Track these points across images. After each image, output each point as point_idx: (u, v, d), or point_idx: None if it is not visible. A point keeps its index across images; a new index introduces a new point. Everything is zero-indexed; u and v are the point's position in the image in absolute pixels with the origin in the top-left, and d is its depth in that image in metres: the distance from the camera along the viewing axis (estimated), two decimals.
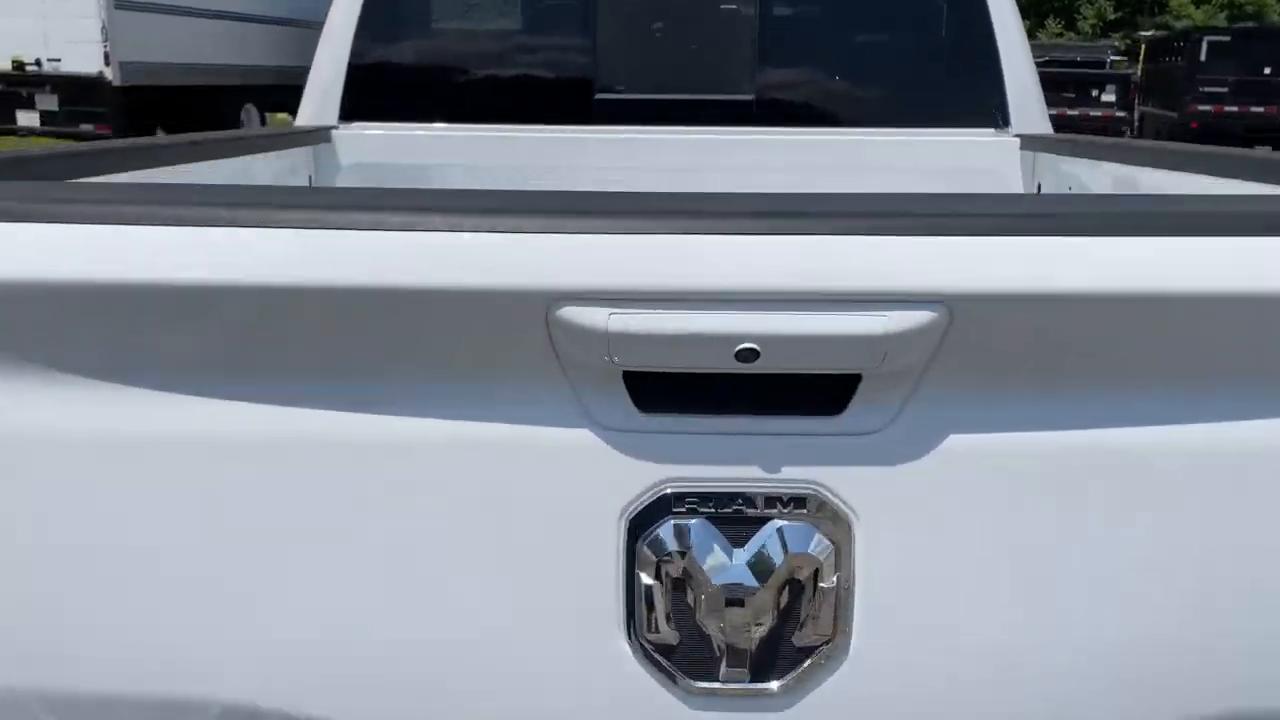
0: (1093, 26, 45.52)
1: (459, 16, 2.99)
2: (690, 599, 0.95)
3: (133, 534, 0.94)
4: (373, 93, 2.87)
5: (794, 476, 0.94)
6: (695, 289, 0.87)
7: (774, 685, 0.97)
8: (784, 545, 0.94)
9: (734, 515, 0.94)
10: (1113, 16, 46.21)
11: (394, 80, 2.94)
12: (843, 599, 0.95)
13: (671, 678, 0.96)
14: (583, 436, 0.93)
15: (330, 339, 0.92)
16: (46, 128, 14.53)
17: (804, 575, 0.95)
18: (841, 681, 0.97)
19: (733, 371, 0.90)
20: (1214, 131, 15.71)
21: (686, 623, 0.96)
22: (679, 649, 0.96)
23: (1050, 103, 10.89)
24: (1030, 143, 2.79)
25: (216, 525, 0.95)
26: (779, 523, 0.94)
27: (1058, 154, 2.63)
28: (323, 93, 2.86)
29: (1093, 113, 17.20)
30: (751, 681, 0.97)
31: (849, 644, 0.96)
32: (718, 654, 0.96)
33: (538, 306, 0.87)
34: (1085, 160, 2.47)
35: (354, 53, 2.84)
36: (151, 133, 15.26)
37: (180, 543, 0.95)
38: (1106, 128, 17.10)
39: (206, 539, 0.95)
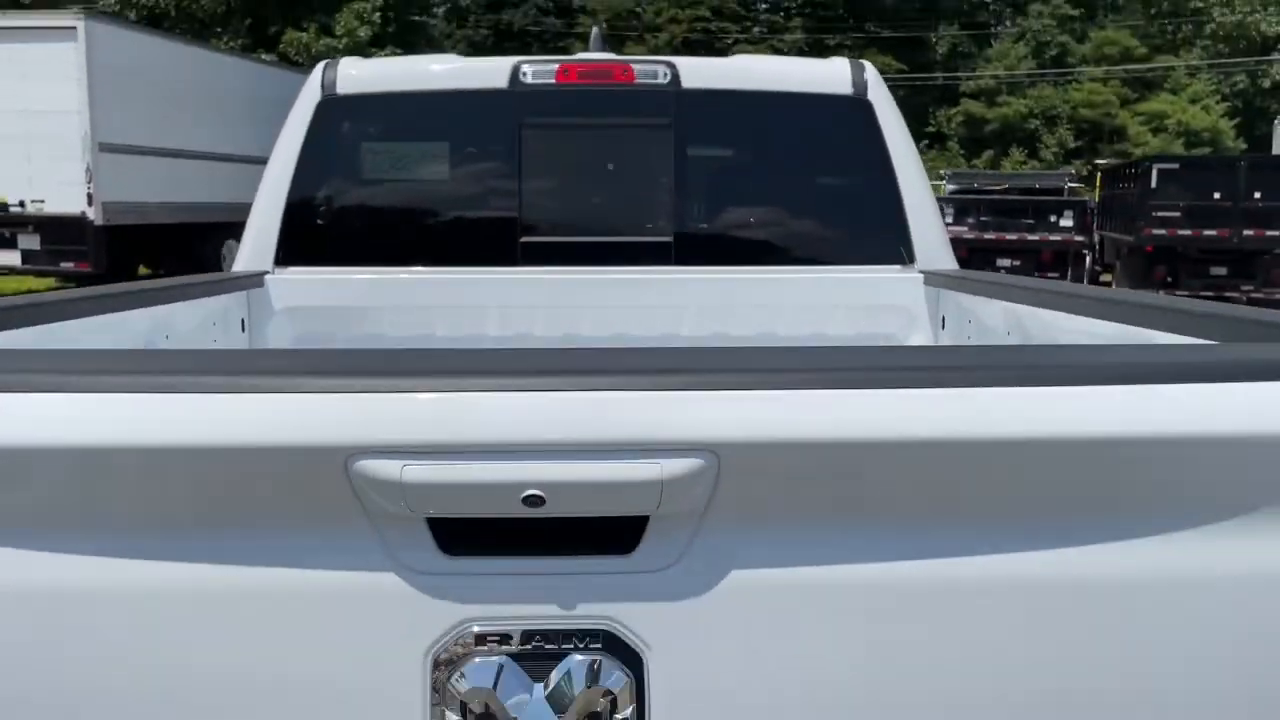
0: (1055, 155, 47.00)
1: (391, 168, 3.15)
2: None
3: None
4: (307, 238, 3.00)
5: (589, 613, 1.01)
6: (480, 441, 0.96)
7: None
8: (581, 679, 1.01)
9: (533, 651, 1.01)
10: (1073, 145, 47.77)
11: (328, 227, 3.08)
12: None
13: None
14: (388, 580, 1.00)
15: (150, 494, 1.00)
16: (27, 266, 14.82)
17: (601, 708, 1.01)
18: None
19: (524, 516, 0.97)
20: (1169, 254, 16.16)
21: None
22: None
23: (1010, 229, 11.31)
24: (933, 278, 2.93)
25: (52, 665, 1.01)
26: (576, 657, 1.01)
27: (958, 290, 2.77)
28: (258, 239, 2.98)
29: (1052, 237, 17.70)
30: None
31: None
32: None
33: (336, 461, 0.95)
34: (981, 297, 2.60)
35: (289, 201, 2.98)
36: (133, 270, 15.56)
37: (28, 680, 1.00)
38: (1066, 251, 17.56)
39: (47, 677, 1.01)
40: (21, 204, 14.54)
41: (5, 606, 0.99)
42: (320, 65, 3.11)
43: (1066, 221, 17.86)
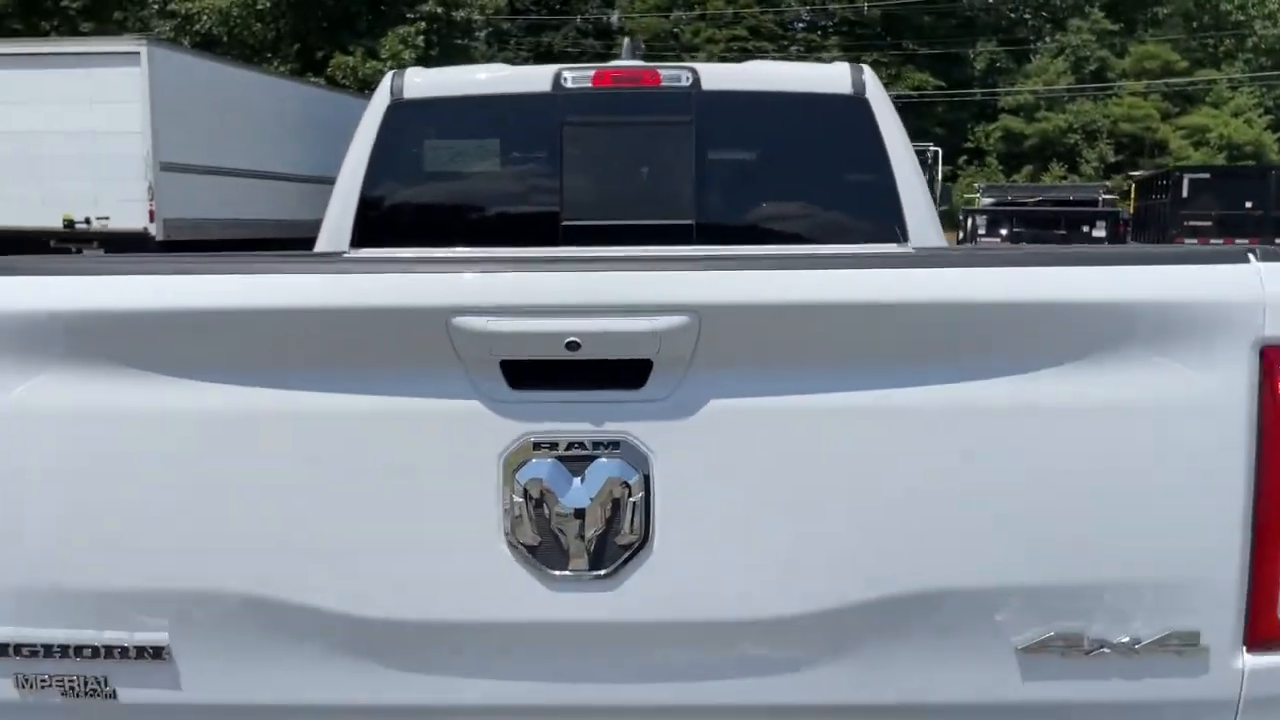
0: (1095, 170, 46.96)
1: (450, 161, 3.62)
2: (546, 513, 1.44)
3: (182, 471, 1.46)
4: (379, 223, 3.47)
5: (611, 429, 1.44)
6: (536, 304, 1.40)
7: (603, 571, 1.45)
8: (606, 474, 1.44)
9: (573, 456, 1.44)
10: (1114, 159, 47.70)
11: (396, 213, 3.55)
12: (650, 512, 1.44)
13: (535, 568, 1.45)
14: (474, 405, 1.44)
15: (316, 342, 1.45)
16: None
17: (619, 494, 1.44)
18: (647, 569, 1.45)
19: (566, 359, 1.41)
20: None
21: (545, 530, 1.44)
22: (540, 548, 1.45)
23: (1043, 239, 11.69)
24: (924, 253, 3.34)
25: (221, 467, 1.46)
26: (602, 459, 1.44)
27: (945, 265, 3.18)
28: (336, 224, 3.46)
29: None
30: (589, 569, 1.45)
31: (652, 543, 1.44)
32: (566, 551, 1.45)
33: (441, 318, 1.40)
34: (965, 268, 3.01)
35: (363, 191, 3.46)
36: None
37: (206, 479, 1.46)
38: None
39: (224, 478, 1.46)
40: (88, 221, 15.27)
41: (223, 424, 1.45)
42: (390, 74, 3.59)
43: (1099, 232, 18.15)
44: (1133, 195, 22.91)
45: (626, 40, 4.23)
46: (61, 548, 1.48)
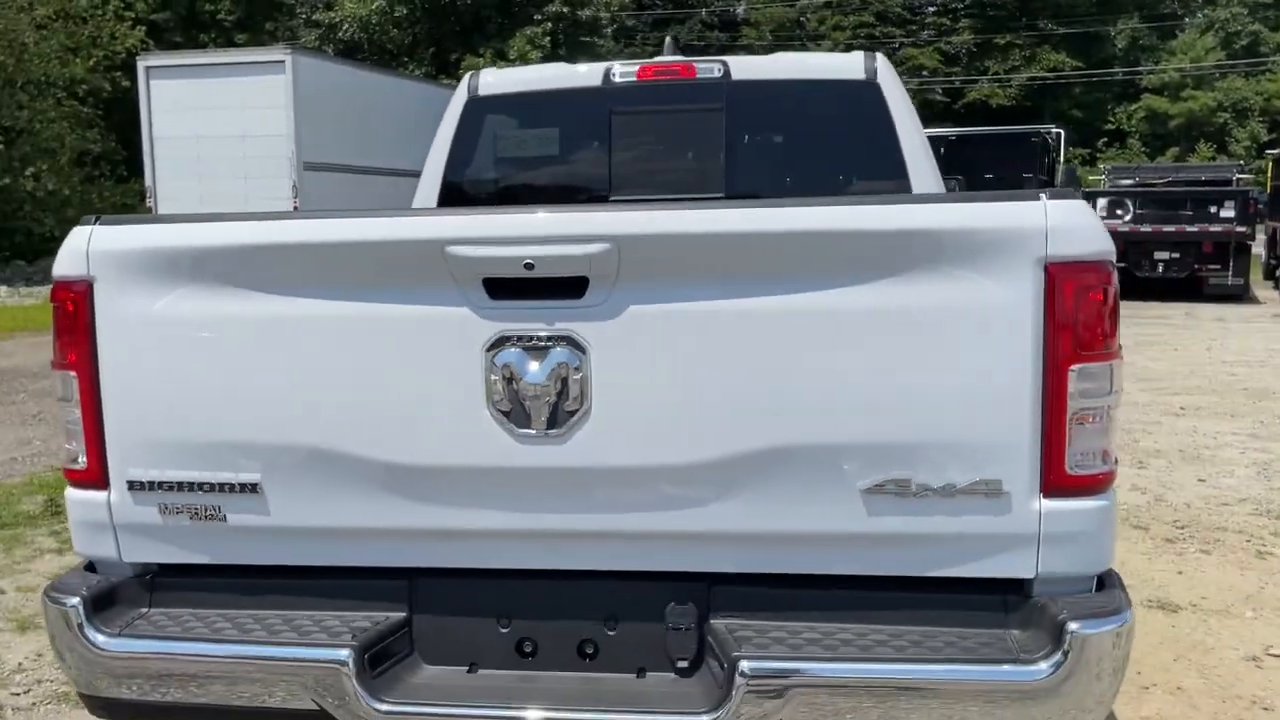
0: (1246, 150, 44.82)
1: (517, 146, 4.24)
2: (515, 388, 2.02)
3: (269, 359, 2.09)
4: (457, 199, 4.10)
5: (561, 328, 2.01)
6: (505, 236, 1.99)
7: (556, 430, 2.02)
8: (557, 359, 2.02)
9: (533, 346, 2.02)
10: (1267, 139, 45.43)
11: (474, 190, 4.18)
12: (587, 386, 2.01)
13: (508, 428, 2.03)
14: (464, 311, 2.03)
15: (350, 265, 2.06)
16: None
17: (567, 375, 2.01)
18: (588, 429, 2.02)
19: (527, 276, 1.99)
20: None
21: (515, 399, 2.03)
22: (511, 412, 2.03)
23: (1169, 221, 11.55)
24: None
25: (295, 356, 2.08)
26: (554, 349, 2.02)
27: None
28: (424, 199, 4.11)
29: (1211, 228, 17.54)
30: (546, 429, 2.03)
31: (590, 409, 2.01)
32: (529, 415, 2.03)
33: (439, 246, 1.99)
34: None
35: (446, 173, 4.10)
36: None
37: (285, 364, 2.09)
38: (1227, 242, 17.35)
39: (296, 363, 2.09)
40: None
41: (292, 325, 2.08)
42: (468, 74, 4.23)
43: (1227, 212, 17.62)
44: (1269, 173, 22.06)
45: (668, 39, 4.76)
46: (189, 414, 2.14)
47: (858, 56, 4.00)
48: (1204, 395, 8.89)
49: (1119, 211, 18.36)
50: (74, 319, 2.16)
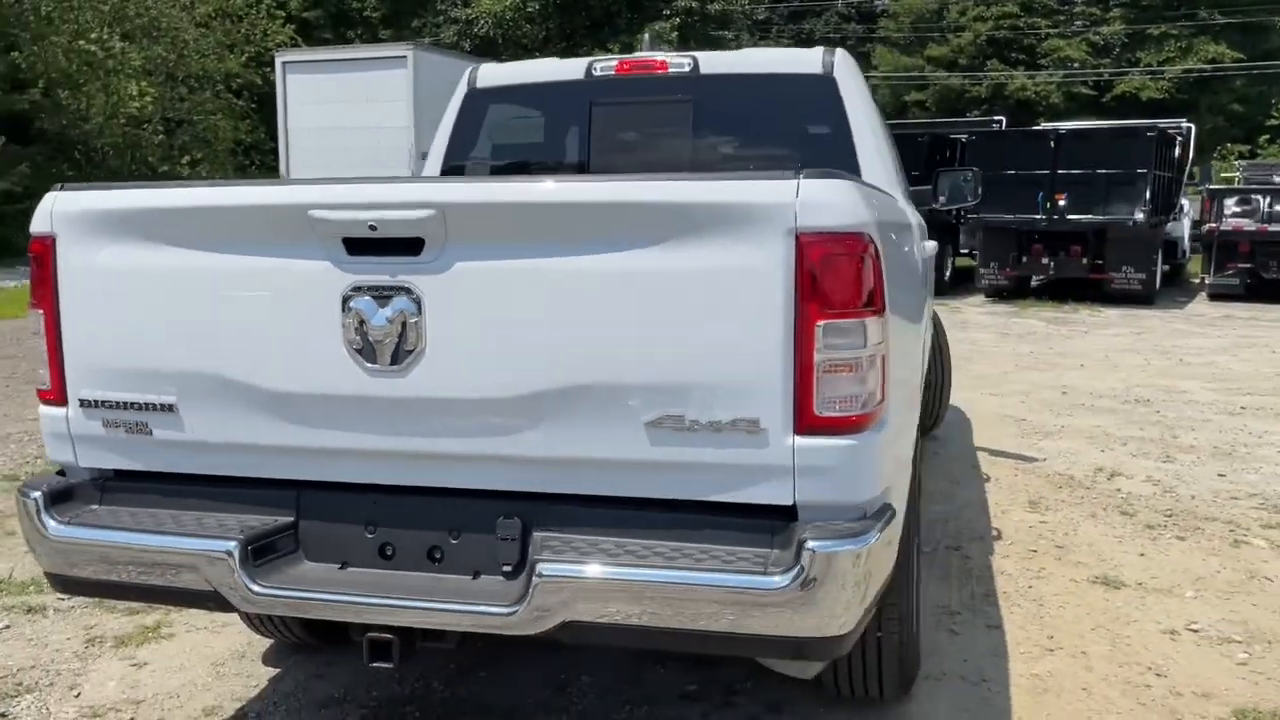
0: None
1: (509, 133, 4.68)
2: (365, 329, 2.45)
3: (179, 301, 2.58)
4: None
5: (401, 279, 2.43)
6: (356, 202, 2.42)
7: (400, 366, 2.45)
8: (398, 307, 2.44)
9: (379, 295, 2.44)
10: None
11: (471, 171, 4.64)
12: (422, 330, 2.43)
13: (360, 363, 2.46)
14: (326, 265, 2.47)
15: (224, 225, 2.53)
16: None
17: (406, 320, 2.43)
18: (423, 365, 2.43)
19: (371, 236, 2.42)
20: None
21: (365, 339, 2.46)
22: (363, 350, 2.46)
23: (1240, 215, 11.08)
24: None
25: (199, 299, 2.56)
26: (396, 298, 2.44)
27: None
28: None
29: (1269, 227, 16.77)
30: (390, 364, 2.45)
31: (425, 348, 2.43)
32: (376, 352, 2.46)
33: (303, 210, 2.44)
34: None
35: (447, 156, 4.58)
36: None
37: (191, 306, 2.57)
38: None
39: (199, 305, 2.57)
40: None
41: (198, 273, 2.56)
42: (469, 69, 4.70)
43: None
44: None
45: (647, 35, 5.10)
46: (123, 345, 2.65)
47: (818, 52, 4.28)
48: (1275, 397, 8.69)
49: (1247, 210, 17.61)
50: (42, 268, 2.69)
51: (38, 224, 2.70)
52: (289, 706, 3.43)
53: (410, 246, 2.43)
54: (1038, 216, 16.04)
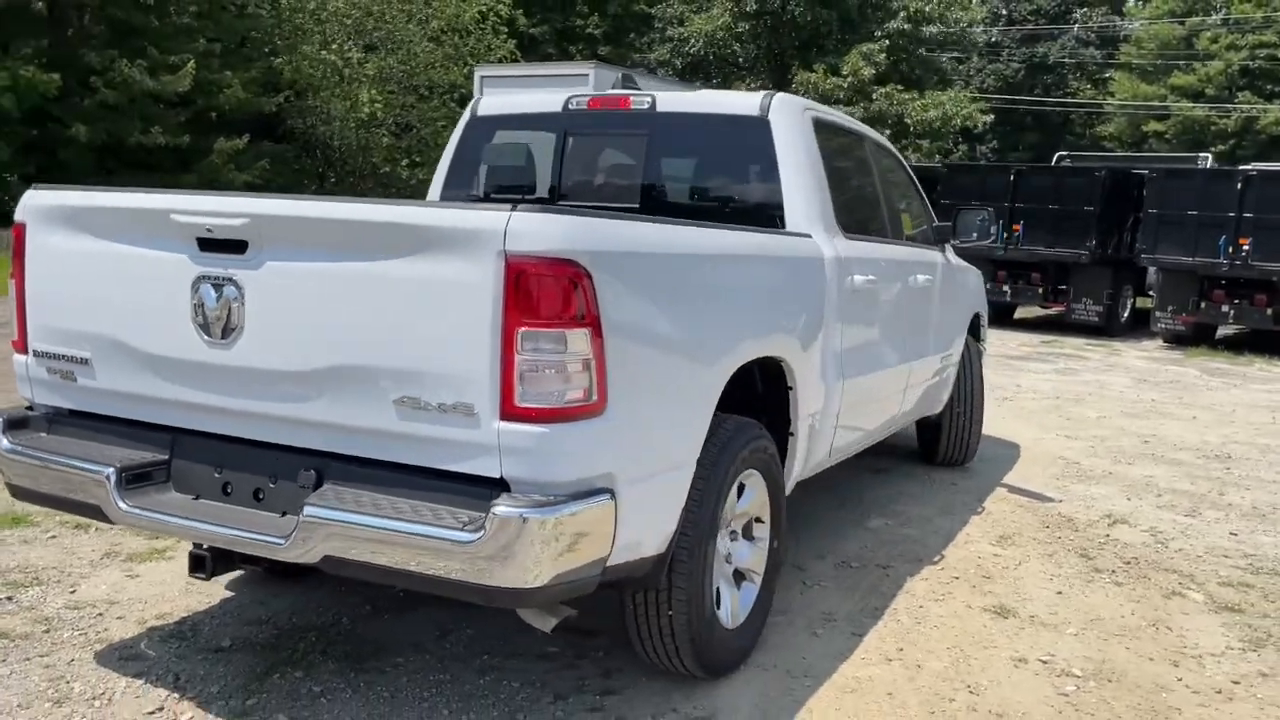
0: None
1: (500, 157, 5.29)
2: (205, 311, 3.14)
3: (91, 278, 3.35)
4: (452, 196, 5.24)
5: (231, 272, 3.10)
6: (196, 210, 3.11)
7: (227, 340, 3.12)
8: (228, 294, 3.11)
9: (215, 284, 3.12)
10: None
11: (464, 191, 5.30)
12: (243, 312, 3.08)
13: (201, 336, 3.15)
14: (184, 257, 3.17)
15: (134, 226, 3.27)
16: None
17: (233, 303, 3.10)
18: (243, 341, 3.10)
19: (210, 238, 3.10)
20: None
21: (204, 318, 3.14)
22: (205, 326, 3.15)
23: None
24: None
25: (104, 277, 3.32)
26: (226, 287, 3.11)
27: None
28: (431, 192, 5.28)
29: None
30: (220, 339, 3.13)
31: (244, 326, 3.09)
32: (215, 328, 3.13)
33: (166, 214, 3.15)
34: None
35: (447, 177, 5.27)
36: None
37: (98, 282, 3.34)
38: None
39: (104, 282, 3.33)
40: None
41: (107, 257, 3.32)
42: (473, 100, 5.37)
43: None
44: None
45: (620, 75, 5.58)
46: (57, 310, 3.45)
47: (757, 96, 4.68)
48: None
49: None
50: (17, 247, 3.54)
51: (17, 214, 3.54)
52: (222, 620, 4.18)
53: (237, 247, 3.09)
54: (1219, 261, 15.21)
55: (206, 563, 3.26)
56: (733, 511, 3.83)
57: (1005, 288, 17.34)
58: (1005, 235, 16.76)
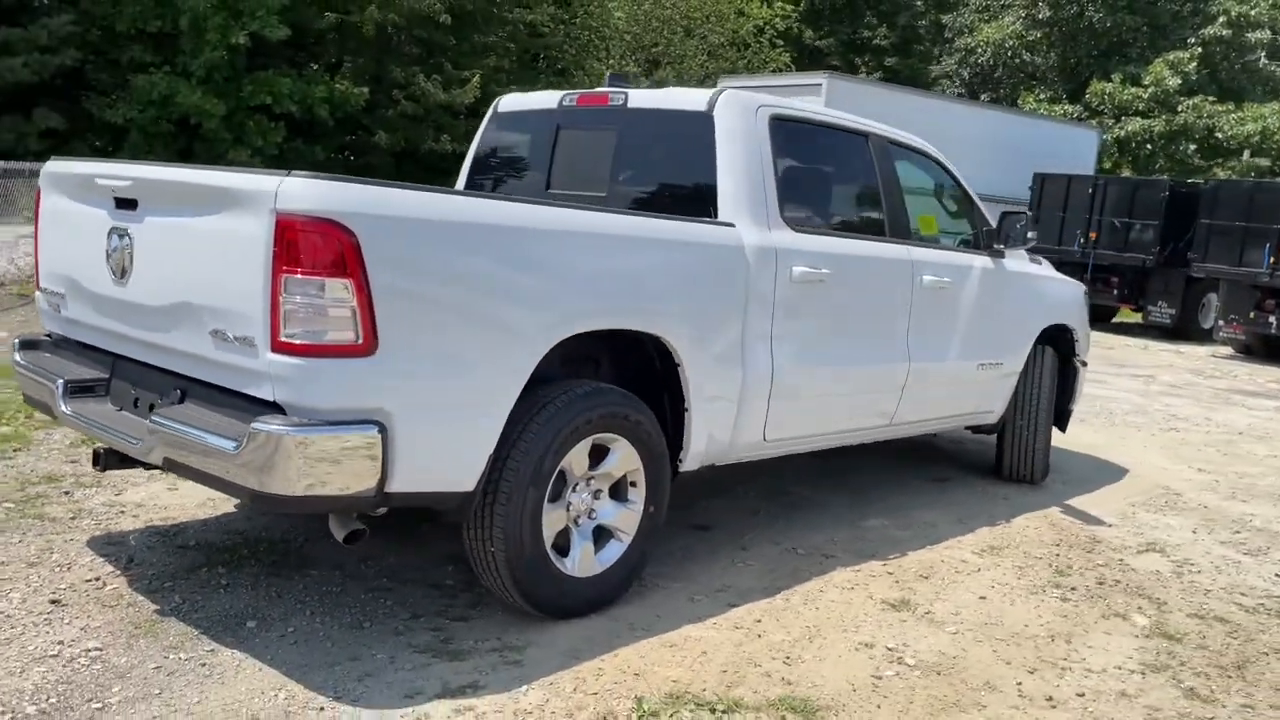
0: None
1: (509, 149, 5.83)
2: (112, 255, 3.92)
3: (61, 230, 4.25)
4: (474, 185, 5.86)
5: (127, 225, 3.86)
6: (109, 174, 3.90)
7: (124, 280, 3.89)
8: (123, 242, 3.87)
9: (119, 233, 3.90)
10: None
11: (479, 180, 5.89)
12: (134, 257, 3.84)
13: (110, 276, 3.94)
14: (103, 213, 3.97)
15: (84, 190, 4.12)
16: None
17: (126, 250, 3.86)
18: (133, 280, 3.85)
19: (120, 196, 3.88)
20: None
21: (112, 260, 3.92)
22: (112, 269, 3.93)
23: None
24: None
25: (67, 231, 4.20)
26: (124, 236, 3.87)
27: None
28: (459, 184, 5.94)
29: None
30: (120, 278, 3.90)
31: (133, 269, 3.84)
32: (117, 270, 3.91)
33: (93, 179, 3.97)
34: None
35: (471, 169, 5.90)
36: None
37: (64, 234, 4.23)
38: None
39: (68, 234, 4.21)
40: None
41: (66, 214, 4.21)
42: (496, 99, 5.95)
43: None
44: None
45: (609, 74, 5.88)
46: (51, 255, 4.38)
47: (706, 93, 4.94)
48: None
49: None
50: (36, 208, 4.52)
51: (39, 181, 4.52)
52: (205, 528, 5.02)
53: (132, 205, 3.85)
54: (1260, 270, 15.44)
55: (100, 457, 4.06)
56: (584, 470, 4.16)
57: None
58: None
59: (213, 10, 22.69)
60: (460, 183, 5.98)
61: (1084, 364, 7.47)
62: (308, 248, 3.30)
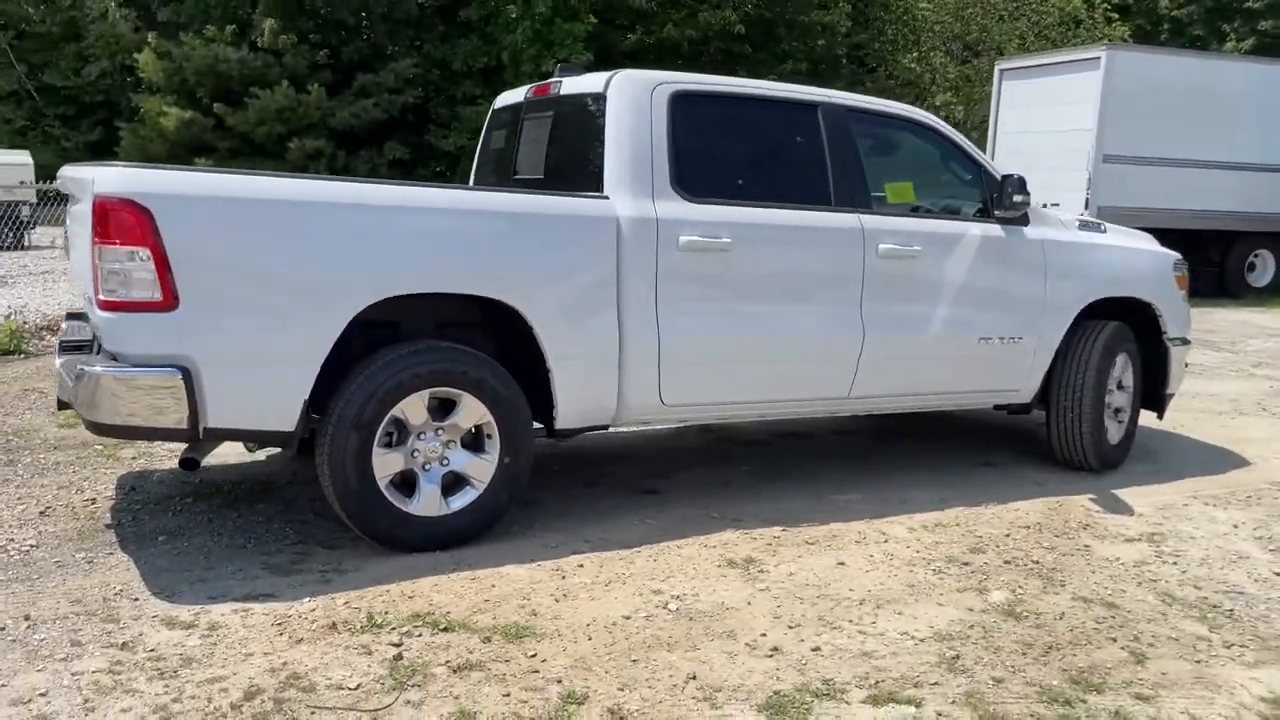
0: None
1: (495, 141, 6.33)
2: (68, 239, 4.94)
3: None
4: (482, 174, 6.47)
5: (73, 213, 4.87)
6: (61, 174, 4.93)
7: (71, 259, 4.90)
8: (68, 228, 4.88)
9: (69, 220, 4.92)
10: None
11: (482, 167, 6.47)
12: (72, 238, 4.83)
13: (68, 256, 4.97)
14: (67, 206, 5.01)
15: (71, 187, 5.22)
16: None
17: (69, 234, 4.86)
18: (72, 257, 4.85)
19: (68, 192, 4.90)
20: None
21: (67, 244, 4.95)
22: (65, 249, 4.96)
23: None
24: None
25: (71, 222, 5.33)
26: (71, 224, 4.88)
27: None
28: (471, 177, 6.57)
29: None
30: (69, 257, 4.91)
31: (74, 248, 4.83)
32: (70, 250, 4.93)
33: (90, 179, 5.03)
34: None
35: (478, 158, 6.51)
36: None
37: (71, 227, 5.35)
38: None
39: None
40: (1044, 205, 17.83)
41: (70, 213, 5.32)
42: (501, 94, 6.50)
43: None
44: None
45: (556, 64, 6.08)
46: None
47: (605, 76, 5.20)
48: None
49: None
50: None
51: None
52: (211, 475, 6.01)
53: (73, 199, 4.85)
54: None
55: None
56: (425, 420, 4.61)
57: None
58: None
59: (528, 43, 25.00)
60: (473, 169, 6.59)
61: (1182, 342, 6.69)
62: (115, 223, 4.07)
